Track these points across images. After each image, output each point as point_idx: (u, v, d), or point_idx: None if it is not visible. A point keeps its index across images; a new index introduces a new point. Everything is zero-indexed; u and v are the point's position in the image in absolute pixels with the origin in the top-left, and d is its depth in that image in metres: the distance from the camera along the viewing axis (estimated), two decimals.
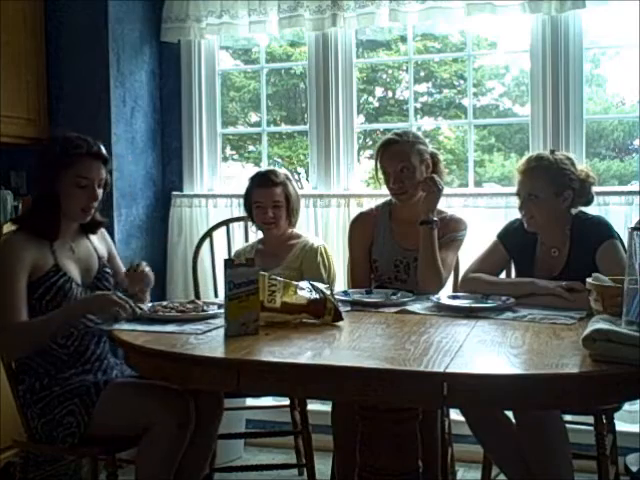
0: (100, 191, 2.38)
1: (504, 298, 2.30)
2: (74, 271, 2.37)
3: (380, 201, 2.91)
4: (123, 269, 2.54)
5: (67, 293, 2.31)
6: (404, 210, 2.76)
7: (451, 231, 2.71)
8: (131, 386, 2.33)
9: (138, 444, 2.23)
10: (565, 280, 2.33)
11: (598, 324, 1.68)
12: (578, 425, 2.79)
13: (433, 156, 2.77)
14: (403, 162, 2.68)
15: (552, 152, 2.51)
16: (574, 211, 2.50)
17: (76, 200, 2.34)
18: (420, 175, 2.69)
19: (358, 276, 2.81)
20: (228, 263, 1.95)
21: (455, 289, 2.75)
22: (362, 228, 2.83)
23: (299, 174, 4.52)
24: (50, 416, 2.24)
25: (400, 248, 2.74)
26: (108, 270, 2.49)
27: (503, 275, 2.67)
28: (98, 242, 2.52)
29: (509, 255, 2.57)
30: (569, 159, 2.50)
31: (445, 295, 2.44)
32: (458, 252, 2.77)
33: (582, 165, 2.59)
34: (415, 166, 2.69)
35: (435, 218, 2.63)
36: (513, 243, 2.54)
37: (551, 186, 2.41)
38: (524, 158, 2.55)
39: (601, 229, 2.41)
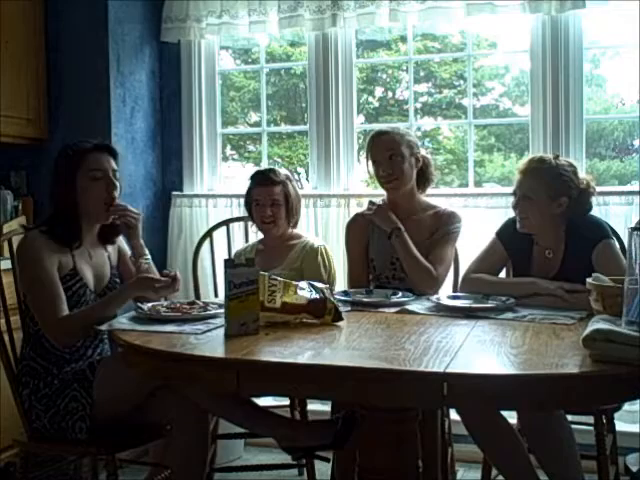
0: (117, 183, 2.42)
1: (504, 298, 2.30)
2: (89, 277, 2.39)
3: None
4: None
5: (81, 299, 2.33)
6: (396, 204, 2.76)
7: (444, 225, 2.71)
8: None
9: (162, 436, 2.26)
10: (561, 281, 2.33)
11: (598, 324, 1.68)
12: (578, 425, 2.78)
13: (424, 159, 2.78)
14: (392, 150, 2.69)
15: (556, 157, 2.49)
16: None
17: (95, 193, 2.37)
18: (409, 167, 2.71)
19: (356, 276, 2.81)
20: (228, 263, 1.95)
21: (455, 289, 2.75)
22: (358, 228, 2.84)
23: (299, 174, 4.51)
24: (54, 409, 2.25)
25: None
26: (117, 280, 2.51)
27: (503, 273, 2.66)
28: (112, 250, 2.55)
29: (507, 254, 2.56)
30: (572, 166, 2.47)
31: (445, 295, 2.44)
32: (455, 246, 2.77)
33: (585, 175, 2.56)
34: (404, 155, 2.70)
35: (399, 226, 2.65)
36: (511, 242, 2.53)
37: (547, 190, 2.40)
38: (526, 158, 2.54)
39: (596, 230, 2.40)
